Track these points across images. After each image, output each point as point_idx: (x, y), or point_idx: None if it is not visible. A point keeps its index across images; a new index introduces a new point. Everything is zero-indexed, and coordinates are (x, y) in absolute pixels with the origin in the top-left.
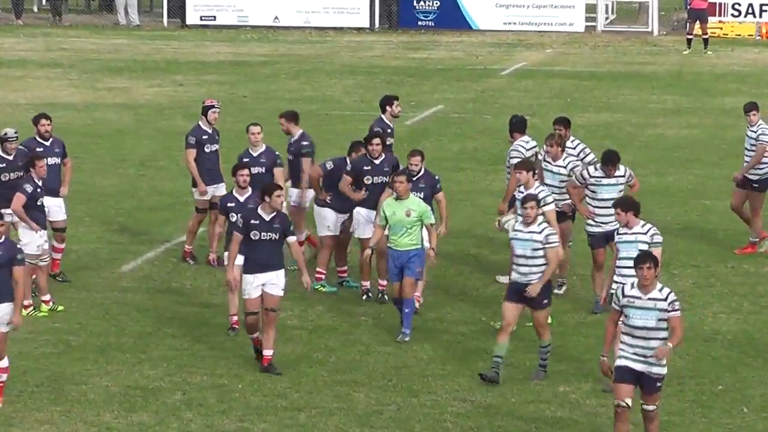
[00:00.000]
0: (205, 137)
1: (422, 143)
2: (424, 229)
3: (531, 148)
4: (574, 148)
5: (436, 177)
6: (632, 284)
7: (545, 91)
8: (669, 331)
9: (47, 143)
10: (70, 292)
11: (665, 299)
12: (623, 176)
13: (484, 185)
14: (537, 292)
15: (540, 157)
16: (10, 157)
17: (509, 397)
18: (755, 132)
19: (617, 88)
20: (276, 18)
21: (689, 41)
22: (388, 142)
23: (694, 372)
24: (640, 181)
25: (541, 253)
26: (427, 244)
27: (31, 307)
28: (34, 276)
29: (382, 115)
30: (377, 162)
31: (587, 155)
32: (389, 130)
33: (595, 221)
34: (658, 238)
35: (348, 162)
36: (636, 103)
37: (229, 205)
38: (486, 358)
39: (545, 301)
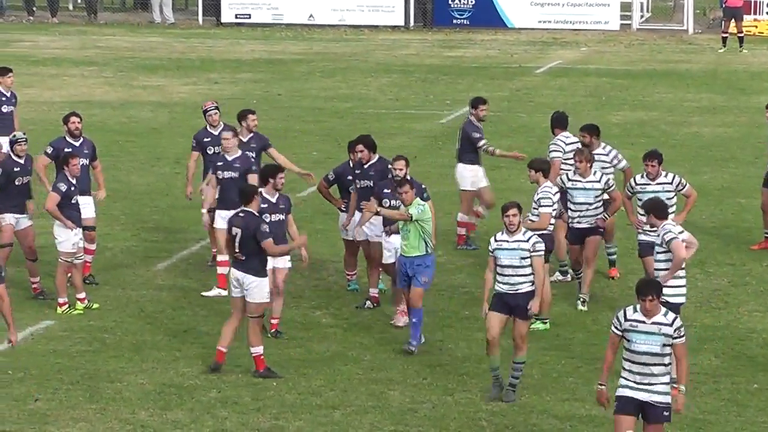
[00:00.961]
0: (207, 139)
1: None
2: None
3: (571, 143)
4: (607, 154)
5: (423, 186)
6: (634, 307)
7: (580, 90)
8: (674, 361)
9: (77, 143)
10: (105, 290)
11: (671, 324)
12: (670, 183)
13: (519, 183)
14: (538, 308)
15: (565, 176)
16: (22, 161)
17: (544, 396)
18: None
19: (652, 87)
20: (311, 16)
21: (724, 39)
22: (487, 145)
23: (730, 371)
24: None
25: (528, 262)
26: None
27: (66, 305)
28: (69, 274)
29: (471, 117)
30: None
31: (620, 161)
32: (477, 134)
33: (643, 229)
34: (670, 236)
35: (350, 165)
36: (671, 102)
37: (262, 206)
38: None
39: (530, 312)
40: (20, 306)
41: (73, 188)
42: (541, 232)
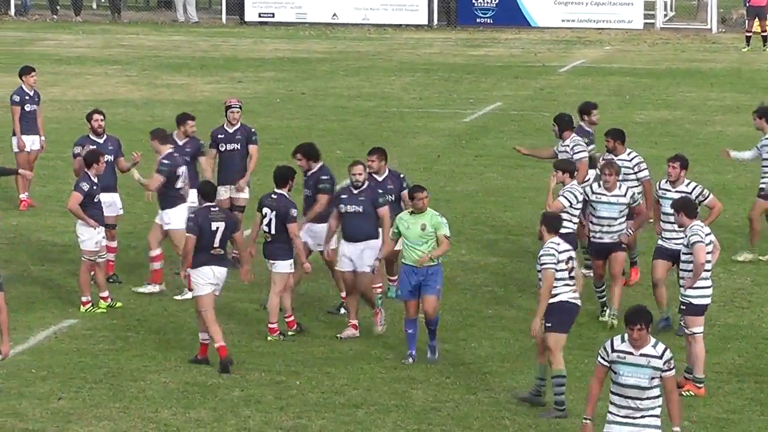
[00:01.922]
0: (220, 136)
1: (481, 140)
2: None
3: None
4: (630, 161)
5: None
6: (622, 337)
7: (604, 89)
8: (664, 394)
9: (101, 140)
10: (128, 288)
11: (660, 356)
12: (690, 192)
13: (543, 182)
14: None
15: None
16: None
17: (567, 395)
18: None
19: (676, 86)
20: (334, 15)
21: (748, 38)
22: (589, 150)
23: (753, 370)
24: (699, 179)
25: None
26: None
27: (89, 304)
28: (92, 272)
29: (582, 123)
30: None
31: (642, 170)
32: (587, 140)
33: (662, 236)
34: (695, 238)
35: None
36: (695, 101)
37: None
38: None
39: (548, 324)
40: (44, 305)
41: (95, 187)
42: (565, 231)
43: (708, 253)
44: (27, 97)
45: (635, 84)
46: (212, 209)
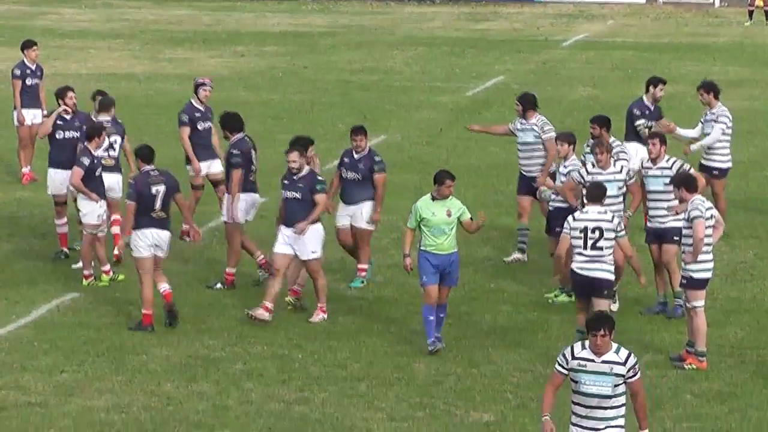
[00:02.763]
0: (197, 114)
1: (483, 114)
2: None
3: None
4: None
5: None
6: (583, 344)
7: (606, 63)
8: (630, 400)
9: (68, 117)
10: (130, 262)
11: (624, 363)
12: (669, 168)
13: None
14: None
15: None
16: None
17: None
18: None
19: (678, 60)
20: None
21: (751, 13)
22: (646, 124)
23: (755, 343)
24: (701, 154)
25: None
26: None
27: (92, 277)
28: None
29: (644, 96)
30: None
31: (620, 159)
32: (647, 112)
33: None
34: (695, 213)
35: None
36: (697, 75)
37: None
38: (546, 329)
39: (605, 292)
40: (47, 278)
41: (96, 161)
42: (566, 206)
43: (709, 227)
44: (28, 71)
45: (637, 58)
46: (151, 173)
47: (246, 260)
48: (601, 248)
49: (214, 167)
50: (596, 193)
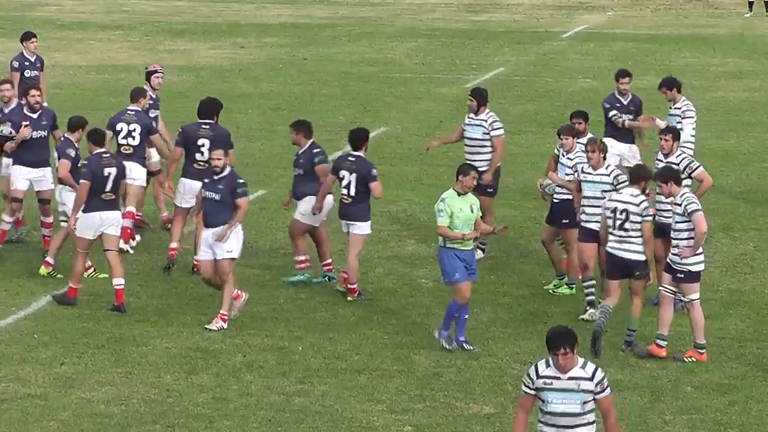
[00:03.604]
0: (150, 103)
1: None
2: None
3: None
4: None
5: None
6: (547, 362)
7: (606, 54)
8: (602, 417)
9: (35, 115)
10: (130, 254)
11: (591, 378)
12: (677, 163)
13: (545, 148)
14: None
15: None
16: None
17: None
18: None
19: (678, 51)
20: None
21: (751, 4)
22: (619, 115)
23: (756, 335)
24: (703, 145)
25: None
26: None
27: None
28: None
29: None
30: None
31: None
32: (618, 105)
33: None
34: (693, 207)
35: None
36: (697, 66)
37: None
38: (546, 320)
39: (636, 273)
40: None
41: (78, 152)
42: (570, 197)
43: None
44: (27, 63)
45: (637, 50)
46: (104, 155)
47: (246, 259)
48: (627, 230)
49: (155, 156)
50: (635, 174)
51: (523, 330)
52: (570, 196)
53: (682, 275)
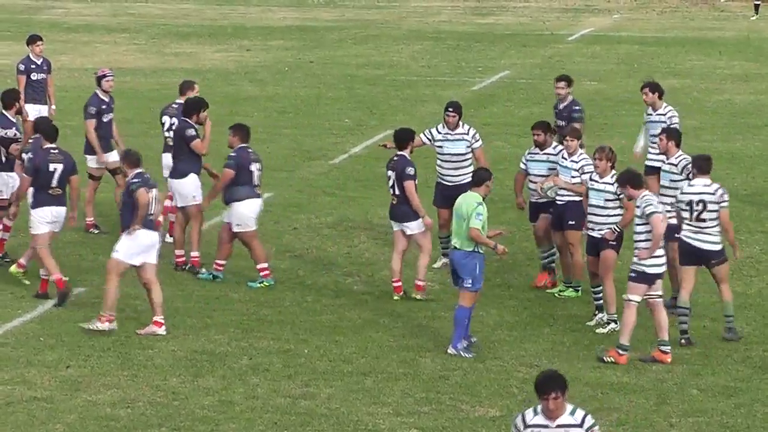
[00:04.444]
0: (103, 107)
1: (489, 109)
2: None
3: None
4: (556, 154)
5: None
6: (534, 409)
7: (612, 57)
8: None
9: (12, 118)
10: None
11: (581, 425)
12: (676, 164)
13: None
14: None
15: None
16: None
17: (575, 363)
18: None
19: (684, 54)
20: None
21: (756, 7)
22: (556, 121)
23: (761, 338)
24: (708, 148)
25: None
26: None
27: (23, 270)
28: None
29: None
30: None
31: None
32: (556, 110)
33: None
34: (651, 209)
35: None
36: (703, 69)
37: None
38: (552, 323)
39: (713, 262)
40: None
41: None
42: (578, 200)
43: (666, 219)
44: (33, 66)
45: (643, 52)
46: (51, 151)
47: (252, 262)
48: (704, 220)
49: (112, 157)
50: (702, 164)
51: (529, 333)
52: (576, 198)
53: (635, 275)
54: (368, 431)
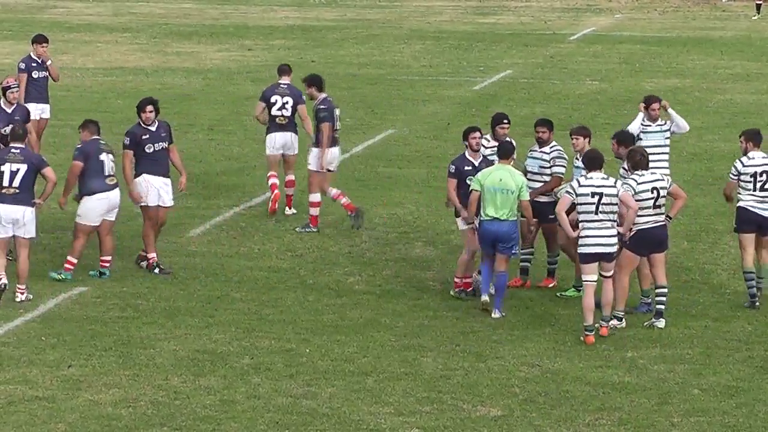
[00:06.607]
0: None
1: (491, 108)
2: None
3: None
4: (549, 153)
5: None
6: None
7: (614, 57)
8: None
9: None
10: (128, 257)
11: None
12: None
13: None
14: None
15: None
16: None
17: (577, 362)
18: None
19: (686, 54)
20: None
21: (758, 6)
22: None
23: (763, 337)
24: (709, 147)
25: None
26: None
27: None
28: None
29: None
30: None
31: (556, 166)
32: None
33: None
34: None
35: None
36: (705, 69)
37: (466, 168)
38: (554, 323)
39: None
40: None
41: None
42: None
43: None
44: (34, 64)
45: (645, 52)
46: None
47: (253, 261)
48: None
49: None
50: (758, 138)
51: (530, 332)
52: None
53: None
54: (370, 431)
